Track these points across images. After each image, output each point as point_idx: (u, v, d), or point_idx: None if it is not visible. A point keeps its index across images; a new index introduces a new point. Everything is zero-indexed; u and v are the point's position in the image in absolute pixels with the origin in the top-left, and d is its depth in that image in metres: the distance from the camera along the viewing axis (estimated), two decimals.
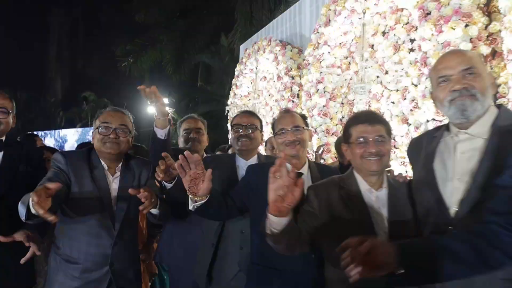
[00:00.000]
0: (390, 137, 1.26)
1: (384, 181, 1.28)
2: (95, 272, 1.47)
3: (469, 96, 1.06)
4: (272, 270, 1.42)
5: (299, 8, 4.92)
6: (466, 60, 1.08)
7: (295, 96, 4.37)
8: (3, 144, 1.70)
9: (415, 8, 2.86)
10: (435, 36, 2.64)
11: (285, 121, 1.48)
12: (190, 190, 1.29)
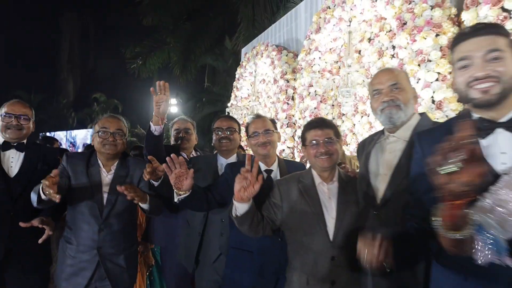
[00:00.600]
0: (338, 138, 1.52)
1: (335, 176, 1.53)
2: (86, 253, 1.77)
3: (395, 106, 1.31)
4: (246, 252, 1.68)
5: (295, 14, 5.16)
6: (393, 77, 1.33)
7: (290, 98, 4.61)
8: (25, 146, 2.00)
9: (393, 18, 3.09)
10: (410, 44, 2.86)
11: (257, 125, 1.75)
12: (175, 186, 1.55)
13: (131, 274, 1.91)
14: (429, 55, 2.69)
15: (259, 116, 1.82)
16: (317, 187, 1.52)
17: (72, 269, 1.76)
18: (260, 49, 5.39)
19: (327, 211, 1.47)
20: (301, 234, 1.47)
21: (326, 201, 1.49)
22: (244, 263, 1.69)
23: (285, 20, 5.44)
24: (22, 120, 2.00)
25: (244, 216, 1.38)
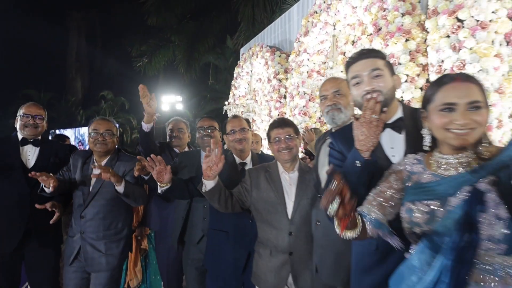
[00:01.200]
0: (297, 135, 1.81)
1: (296, 166, 1.83)
2: (75, 236, 2.13)
3: (337, 109, 1.60)
4: (223, 232, 1.99)
5: (288, 16, 5.43)
6: (336, 85, 1.63)
7: (282, 97, 4.90)
8: (40, 141, 2.33)
9: (370, 23, 3.35)
10: (384, 48, 3.13)
11: (234, 124, 2.05)
12: (157, 179, 1.85)
13: (109, 261, 2.12)
14: (399, 59, 2.95)
15: (236, 116, 2.13)
16: (280, 175, 1.82)
17: (68, 248, 2.15)
18: (255, 50, 5.67)
19: (287, 195, 1.77)
20: (266, 214, 1.78)
21: (288, 187, 1.79)
22: (221, 241, 2.00)
23: (279, 22, 5.72)
24: (38, 119, 2.33)
25: (212, 191, 1.70)
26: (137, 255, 2.66)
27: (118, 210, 2.19)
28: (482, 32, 2.32)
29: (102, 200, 2.13)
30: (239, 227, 1.94)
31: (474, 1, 2.38)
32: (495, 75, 2.31)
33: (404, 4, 3.02)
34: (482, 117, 0.98)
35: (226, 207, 1.78)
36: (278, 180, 1.81)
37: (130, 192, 2.08)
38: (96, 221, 2.12)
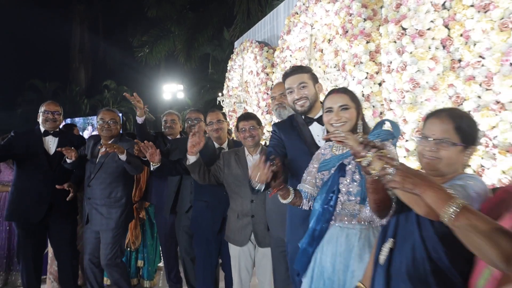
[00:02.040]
0: (259, 126, 2.33)
1: (258, 150, 2.35)
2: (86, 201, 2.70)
3: (282, 107, 2.12)
4: (204, 202, 2.53)
5: (276, 14, 5.86)
6: (282, 89, 2.13)
7: (269, 89, 5.38)
8: (58, 133, 2.87)
9: (340, 26, 3.81)
10: (349, 48, 3.59)
11: (212, 117, 2.57)
12: (150, 160, 2.38)
13: (109, 223, 2.68)
14: (361, 58, 3.43)
15: (213, 110, 2.64)
16: (246, 157, 2.34)
17: (84, 212, 2.74)
18: (246, 45, 6.13)
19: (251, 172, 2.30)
20: (234, 187, 2.31)
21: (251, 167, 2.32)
22: (202, 209, 2.55)
23: (268, 19, 6.15)
24: (56, 115, 2.86)
25: (193, 164, 2.23)
26: (137, 223, 3.23)
27: (117, 182, 2.73)
28: (420, 39, 2.79)
29: (104, 174, 2.68)
30: (216, 198, 2.47)
31: (414, 12, 2.84)
32: (430, 74, 2.78)
33: (366, 10, 3.47)
34: (350, 115, 1.48)
35: (204, 180, 2.31)
36: (244, 160, 2.33)
37: (132, 161, 2.59)
38: (99, 190, 2.67)
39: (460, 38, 2.70)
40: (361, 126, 1.52)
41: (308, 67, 1.84)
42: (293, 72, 1.77)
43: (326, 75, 4.34)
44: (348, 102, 1.49)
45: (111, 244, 2.70)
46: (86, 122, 15.98)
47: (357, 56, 3.46)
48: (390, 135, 1.37)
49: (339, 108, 1.48)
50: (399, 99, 2.92)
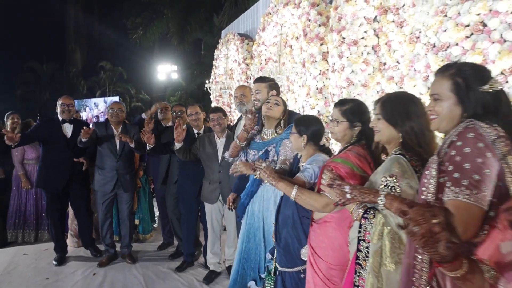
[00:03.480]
0: (225, 116, 3.14)
1: (225, 134, 3.18)
2: (110, 172, 3.49)
3: (242, 104, 2.93)
4: (187, 175, 3.39)
5: (256, 9, 6.54)
6: (241, 91, 2.94)
7: (249, 78, 6.15)
8: (72, 121, 3.67)
9: (302, 29, 4.55)
10: (308, 49, 4.35)
11: (191, 110, 3.38)
12: (147, 142, 3.21)
13: (131, 185, 3.63)
14: (316, 58, 4.20)
15: (192, 104, 3.46)
16: (215, 140, 3.18)
17: (102, 181, 3.51)
18: (230, 37, 6.83)
19: (219, 150, 3.14)
20: (207, 161, 3.16)
21: (219, 146, 3.15)
22: (186, 180, 3.41)
23: (250, 13, 6.83)
24: (70, 107, 3.65)
25: (179, 149, 3.07)
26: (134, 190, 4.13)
27: (129, 160, 3.63)
28: (354, 47, 3.57)
29: (126, 150, 3.52)
30: (195, 170, 3.32)
31: (351, 25, 3.61)
32: (362, 74, 3.59)
33: (320, 17, 4.21)
34: (278, 109, 2.28)
35: (186, 157, 3.16)
36: (214, 142, 3.18)
37: (137, 147, 3.45)
38: (124, 162, 3.53)
39: (385, 46, 3.48)
40: (283, 122, 2.32)
41: (267, 78, 2.65)
42: (256, 81, 2.60)
43: (294, 69, 5.11)
44: (277, 99, 2.29)
45: (130, 201, 3.65)
46: (81, 105, 16.61)
47: (313, 55, 4.24)
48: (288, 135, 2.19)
49: (270, 103, 2.27)
50: (339, 93, 3.73)
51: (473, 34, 2.61)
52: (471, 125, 1.01)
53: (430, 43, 2.91)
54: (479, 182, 0.94)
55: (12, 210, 4.27)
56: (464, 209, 0.94)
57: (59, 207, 3.66)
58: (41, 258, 3.79)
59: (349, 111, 1.65)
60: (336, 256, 1.54)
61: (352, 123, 1.63)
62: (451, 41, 2.73)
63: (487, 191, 0.95)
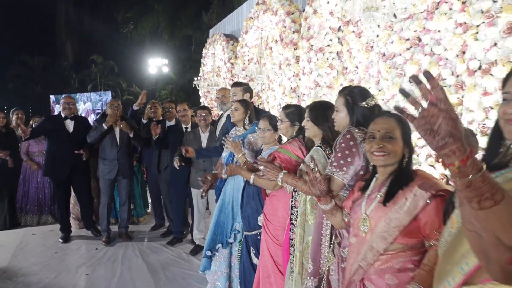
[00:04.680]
0: (210, 114, 3.69)
1: (208, 129, 3.73)
2: (112, 162, 4.03)
3: (222, 104, 3.49)
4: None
5: (241, 11, 7.03)
6: (222, 92, 3.49)
7: (234, 76, 6.68)
8: (73, 117, 4.18)
9: (279, 34, 5.09)
10: (284, 53, 4.90)
11: (180, 107, 3.93)
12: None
13: (130, 172, 4.18)
14: (290, 61, 4.75)
15: (181, 102, 4.01)
16: (200, 134, 3.74)
17: (106, 170, 4.04)
18: (216, 37, 7.33)
19: (203, 143, 3.70)
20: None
21: (204, 139, 3.71)
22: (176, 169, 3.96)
23: (235, 14, 7.32)
24: (71, 105, 4.16)
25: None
26: None
27: (128, 150, 4.15)
28: (320, 53, 4.13)
29: (125, 140, 4.04)
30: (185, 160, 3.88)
31: (318, 34, 4.16)
32: (327, 77, 4.16)
33: (294, 25, 4.76)
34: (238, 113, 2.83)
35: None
36: (199, 136, 3.73)
37: (135, 137, 4.00)
38: (124, 152, 4.04)
39: (347, 53, 4.04)
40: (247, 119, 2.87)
41: (242, 83, 3.20)
42: (233, 85, 3.17)
43: (273, 69, 5.66)
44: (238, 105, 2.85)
45: (128, 187, 4.19)
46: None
47: (288, 59, 4.79)
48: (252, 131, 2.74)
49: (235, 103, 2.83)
50: (308, 93, 4.31)
51: (412, 47, 3.19)
52: (349, 129, 1.59)
53: (381, 52, 3.49)
54: (343, 165, 1.52)
55: (18, 196, 4.79)
56: (332, 180, 1.53)
57: (64, 193, 4.19)
58: (48, 237, 4.33)
59: (290, 114, 2.20)
60: (280, 220, 2.12)
61: (292, 122, 2.19)
62: (396, 51, 3.31)
63: (349, 171, 1.53)
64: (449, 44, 2.89)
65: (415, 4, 3.15)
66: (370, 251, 1.25)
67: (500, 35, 2.38)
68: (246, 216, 2.41)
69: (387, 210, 1.25)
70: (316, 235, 1.73)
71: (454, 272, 0.84)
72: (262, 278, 2.26)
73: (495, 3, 2.42)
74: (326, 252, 1.69)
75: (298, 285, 1.79)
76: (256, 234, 2.36)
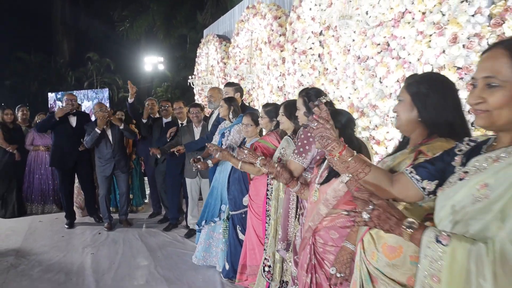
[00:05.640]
0: (202, 110, 4.09)
1: (201, 124, 4.13)
2: (108, 159, 4.41)
3: (211, 102, 3.89)
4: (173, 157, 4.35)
5: (233, 13, 7.41)
6: (210, 92, 3.89)
7: (226, 75, 7.07)
8: (76, 113, 4.56)
9: (267, 37, 5.48)
10: (271, 54, 5.30)
11: (176, 105, 4.32)
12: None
13: (127, 167, 4.57)
14: (277, 62, 5.16)
15: (177, 101, 4.40)
16: (194, 129, 4.14)
17: (103, 167, 4.42)
18: (210, 37, 7.71)
19: (196, 137, 4.10)
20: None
21: (196, 134, 4.11)
22: (172, 160, 4.36)
23: (228, 16, 7.70)
24: (73, 101, 4.54)
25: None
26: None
27: (122, 146, 4.53)
28: (303, 55, 4.54)
29: (118, 138, 4.42)
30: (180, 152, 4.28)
31: (301, 38, 4.57)
32: (310, 77, 4.57)
33: (281, 28, 5.16)
34: (223, 110, 3.24)
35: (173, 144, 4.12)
36: (192, 130, 4.13)
37: (126, 128, 4.38)
38: (119, 149, 4.43)
39: (328, 55, 4.45)
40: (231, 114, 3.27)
41: (234, 84, 3.62)
42: (225, 85, 3.58)
43: (262, 69, 6.06)
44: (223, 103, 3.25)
45: (127, 180, 4.58)
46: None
47: (275, 60, 5.20)
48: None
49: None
50: (293, 92, 4.72)
51: (382, 51, 3.60)
52: (306, 125, 2.00)
53: (356, 55, 3.90)
54: (303, 152, 1.94)
55: (24, 186, 5.17)
56: (293, 164, 1.95)
57: (69, 182, 4.59)
58: (54, 224, 4.71)
59: (268, 111, 2.62)
60: (262, 199, 2.53)
61: (271, 118, 2.61)
62: (369, 55, 3.72)
63: (307, 157, 1.94)
64: (411, 49, 3.30)
65: (384, 13, 3.56)
66: (317, 214, 1.67)
67: (447, 43, 2.80)
68: (232, 197, 2.83)
69: (331, 184, 1.66)
70: (285, 208, 2.14)
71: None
72: (248, 250, 2.68)
73: (444, 16, 2.84)
74: (293, 221, 2.11)
75: (272, 246, 2.21)
76: (241, 213, 2.78)
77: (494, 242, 0.68)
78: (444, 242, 0.77)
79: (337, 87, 4.29)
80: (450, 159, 0.94)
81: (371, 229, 1.23)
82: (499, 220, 0.69)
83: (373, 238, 1.22)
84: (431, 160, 1.02)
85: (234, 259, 2.87)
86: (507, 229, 0.67)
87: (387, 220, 0.88)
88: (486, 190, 0.74)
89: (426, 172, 1.00)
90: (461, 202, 0.80)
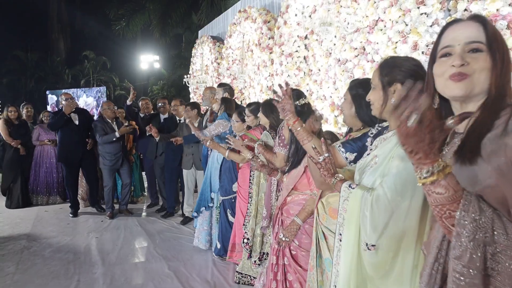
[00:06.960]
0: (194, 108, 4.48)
1: (197, 121, 4.52)
2: (116, 154, 4.79)
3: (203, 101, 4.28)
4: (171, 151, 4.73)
5: (226, 16, 7.78)
6: (203, 92, 4.28)
7: (220, 75, 7.44)
8: (78, 111, 4.92)
9: (257, 39, 5.87)
10: (264, 55, 5.68)
11: (173, 102, 4.71)
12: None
13: (125, 162, 4.94)
14: (266, 63, 5.55)
15: (174, 98, 4.78)
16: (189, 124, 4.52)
17: (113, 161, 4.79)
18: (204, 38, 8.08)
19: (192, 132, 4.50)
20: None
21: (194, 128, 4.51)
22: (170, 153, 4.74)
23: (222, 17, 8.07)
24: (73, 99, 4.90)
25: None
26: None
27: (124, 141, 4.91)
28: (289, 57, 4.94)
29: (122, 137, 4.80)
30: (177, 146, 4.65)
31: (287, 41, 4.96)
32: (296, 78, 4.97)
33: (270, 32, 5.55)
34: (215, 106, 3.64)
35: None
36: (188, 126, 4.51)
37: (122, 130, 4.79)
38: (122, 144, 4.81)
39: (312, 57, 4.85)
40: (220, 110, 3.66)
41: (225, 84, 4.02)
42: (218, 86, 3.98)
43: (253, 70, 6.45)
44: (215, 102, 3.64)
45: (129, 172, 4.97)
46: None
47: (264, 61, 5.59)
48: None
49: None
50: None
51: (359, 55, 4.00)
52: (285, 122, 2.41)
53: (336, 58, 4.30)
54: (286, 145, 2.34)
55: (31, 179, 5.53)
56: (280, 155, 2.35)
57: (75, 175, 4.97)
58: (59, 213, 5.08)
59: (252, 110, 3.03)
60: (247, 184, 2.94)
61: (255, 116, 3.01)
62: (348, 58, 4.12)
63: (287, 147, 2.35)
64: (383, 54, 3.71)
65: (361, 20, 3.96)
66: (282, 195, 2.08)
67: (410, 50, 3.21)
68: (223, 185, 3.23)
69: (290, 173, 2.07)
70: (268, 190, 2.55)
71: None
72: (237, 230, 3.09)
73: (407, 26, 3.26)
74: (274, 201, 2.51)
75: (252, 223, 2.62)
76: (231, 198, 3.18)
77: (375, 189, 1.09)
78: (352, 187, 1.18)
79: (320, 87, 4.69)
80: (365, 140, 1.35)
81: (321, 198, 1.64)
82: (380, 177, 1.10)
83: (323, 204, 1.63)
84: (354, 139, 1.44)
85: (225, 238, 3.27)
86: (382, 182, 1.07)
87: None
88: (376, 159, 1.15)
89: (349, 147, 1.41)
90: (364, 167, 1.21)
